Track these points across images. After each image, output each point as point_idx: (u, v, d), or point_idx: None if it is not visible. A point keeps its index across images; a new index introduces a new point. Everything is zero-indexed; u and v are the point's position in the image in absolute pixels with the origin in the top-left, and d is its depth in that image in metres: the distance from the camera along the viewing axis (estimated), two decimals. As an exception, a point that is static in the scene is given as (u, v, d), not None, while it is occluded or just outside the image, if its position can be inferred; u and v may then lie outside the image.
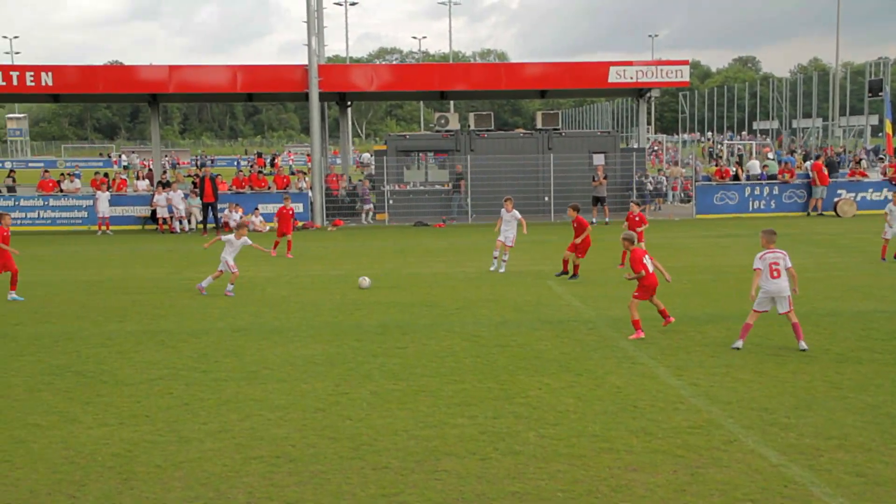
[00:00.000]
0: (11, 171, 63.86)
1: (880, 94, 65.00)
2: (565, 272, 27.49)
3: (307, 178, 49.43)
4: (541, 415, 13.62)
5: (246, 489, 10.87)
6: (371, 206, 48.75)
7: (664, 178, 57.05)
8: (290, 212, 35.18)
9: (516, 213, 28.91)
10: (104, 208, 45.50)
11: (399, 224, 46.55)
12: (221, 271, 25.89)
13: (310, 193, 47.25)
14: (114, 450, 12.38)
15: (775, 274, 17.36)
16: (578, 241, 27.02)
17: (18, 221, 46.46)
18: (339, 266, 31.18)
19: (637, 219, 29.27)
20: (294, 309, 22.88)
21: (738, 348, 17.47)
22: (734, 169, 53.17)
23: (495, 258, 29.37)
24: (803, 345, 17.38)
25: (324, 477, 11.23)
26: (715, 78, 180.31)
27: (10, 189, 52.52)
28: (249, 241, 26.22)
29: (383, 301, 23.87)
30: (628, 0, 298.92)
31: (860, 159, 62.54)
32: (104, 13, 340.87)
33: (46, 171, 54.87)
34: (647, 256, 19.37)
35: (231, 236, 26.45)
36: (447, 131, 49.03)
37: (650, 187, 53.12)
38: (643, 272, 18.68)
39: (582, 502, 10.31)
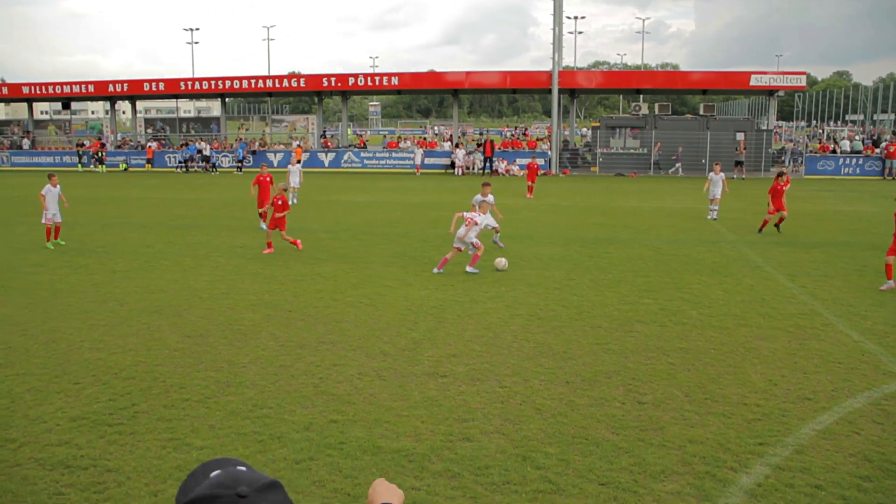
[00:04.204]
0: (361, 137, 66.00)
1: None
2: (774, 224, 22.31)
3: (549, 143, 49.12)
4: (699, 300, 13.22)
5: (511, 334, 11.02)
6: (679, 163, 45.64)
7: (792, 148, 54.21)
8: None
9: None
10: (419, 160, 46.83)
11: (606, 174, 45.76)
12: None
13: (549, 153, 46.94)
14: (432, 304, 12.76)
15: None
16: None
17: (362, 163, 48.14)
18: (569, 199, 30.90)
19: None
20: (541, 224, 22.90)
21: None
22: (832, 146, 50.20)
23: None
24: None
25: (559, 330, 11.28)
26: (820, 84, 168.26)
27: (363, 147, 54.71)
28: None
29: (594, 222, 23.59)
30: (763, 31, 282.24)
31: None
32: (425, 41, 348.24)
33: (385, 136, 56.64)
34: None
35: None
36: (640, 114, 47.89)
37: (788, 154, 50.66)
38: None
39: (726, 357, 10.01)
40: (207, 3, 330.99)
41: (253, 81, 51.05)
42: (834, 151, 48.32)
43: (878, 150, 47.30)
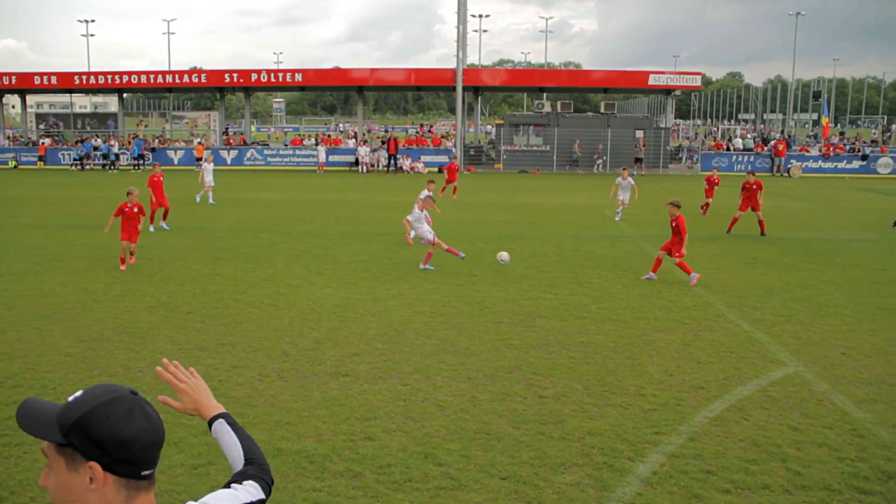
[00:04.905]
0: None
1: (820, 99, 66.72)
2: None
3: (454, 141, 49.34)
4: (599, 294, 13.52)
5: (413, 331, 11.01)
6: (601, 160, 46.19)
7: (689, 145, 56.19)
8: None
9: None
10: (322, 157, 46.16)
11: (509, 171, 46.21)
12: None
13: (454, 150, 47.15)
14: (335, 302, 12.64)
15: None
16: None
17: (265, 161, 47.39)
18: (473, 196, 30.97)
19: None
20: (444, 220, 22.86)
21: None
22: (726, 143, 52.21)
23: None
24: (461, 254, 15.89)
25: (461, 326, 11.33)
26: (714, 84, 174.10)
27: (264, 144, 53.65)
28: None
29: (498, 219, 23.80)
30: (662, 32, 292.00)
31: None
32: (331, 37, 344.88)
33: (286, 134, 55.66)
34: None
35: None
36: (543, 112, 48.58)
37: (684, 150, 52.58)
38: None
39: (624, 349, 10.28)
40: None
41: (152, 76, 49.61)
42: (728, 149, 50.47)
43: (767, 148, 49.40)
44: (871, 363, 9.94)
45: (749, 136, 67.79)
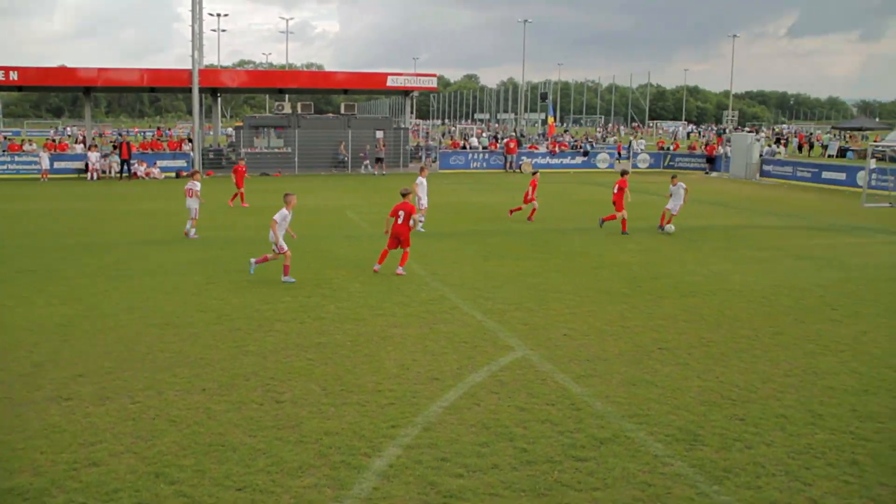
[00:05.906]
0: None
1: (546, 101, 71.75)
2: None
3: (191, 144, 47.47)
4: (338, 294, 13.62)
5: (145, 345, 10.47)
6: (367, 161, 45.32)
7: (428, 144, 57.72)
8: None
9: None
10: (45, 164, 42.49)
11: (251, 174, 45.11)
12: None
13: (192, 153, 45.37)
14: (57, 321, 11.69)
15: None
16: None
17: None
18: (211, 199, 29.88)
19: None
20: (178, 227, 21.99)
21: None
22: (462, 142, 54.46)
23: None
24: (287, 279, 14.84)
25: (196, 336, 10.94)
26: (453, 86, 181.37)
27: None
28: None
29: (236, 223, 23.22)
30: (403, 35, 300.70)
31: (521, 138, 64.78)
32: (55, 33, 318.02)
33: (6, 138, 50.93)
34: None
35: None
36: (283, 114, 47.97)
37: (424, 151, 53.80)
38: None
39: (362, 347, 10.44)
40: None
41: None
42: (464, 147, 52.60)
43: (499, 146, 52.13)
44: (589, 342, 10.85)
45: (484, 134, 71.38)
